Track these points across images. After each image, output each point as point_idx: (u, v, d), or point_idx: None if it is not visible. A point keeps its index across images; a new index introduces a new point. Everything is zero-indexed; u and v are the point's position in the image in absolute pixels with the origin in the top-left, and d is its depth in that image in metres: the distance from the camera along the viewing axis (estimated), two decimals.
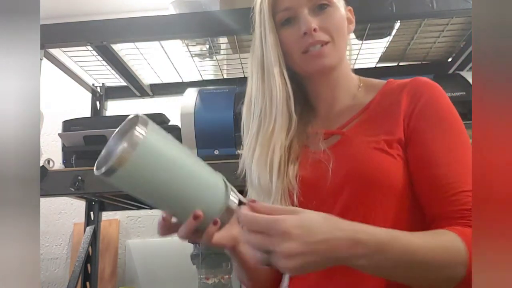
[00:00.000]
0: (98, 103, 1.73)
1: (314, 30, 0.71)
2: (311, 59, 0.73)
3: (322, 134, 0.76)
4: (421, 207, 0.67)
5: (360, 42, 1.42)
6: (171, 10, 1.43)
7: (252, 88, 0.78)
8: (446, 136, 0.67)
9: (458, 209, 0.61)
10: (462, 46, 1.44)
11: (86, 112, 1.72)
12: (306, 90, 0.82)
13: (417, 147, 0.67)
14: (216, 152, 1.20)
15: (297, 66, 0.76)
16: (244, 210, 0.53)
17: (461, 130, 0.68)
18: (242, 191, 0.70)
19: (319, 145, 0.74)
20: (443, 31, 1.35)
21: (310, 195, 0.70)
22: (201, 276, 1.58)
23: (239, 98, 0.98)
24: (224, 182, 0.60)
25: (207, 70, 1.65)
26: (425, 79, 0.74)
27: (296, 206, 0.69)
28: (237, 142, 1.17)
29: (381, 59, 1.57)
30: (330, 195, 0.69)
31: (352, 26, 0.81)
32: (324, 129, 0.77)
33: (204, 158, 1.20)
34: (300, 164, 0.73)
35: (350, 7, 0.82)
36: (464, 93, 1.23)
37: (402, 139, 0.68)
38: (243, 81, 0.85)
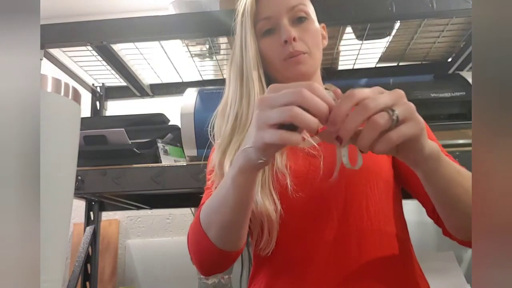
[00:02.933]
0: (98, 103, 1.73)
1: (294, 39, 0.76)
2: (290, 65, 0.77)
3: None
4: (422, 200, 0.73)
5: (360, 42, 1.42)
6: (171, 10, 1.43)
7: (229, 93, 0.81)
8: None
9: None
10: (462, 46, 1.44)
11: (86, 112, 1.72)
12: None
13: None
14: None
15: (277, 73, 0.80)
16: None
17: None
18: None
19: (305, 142, 0.76)
20: (443, 31, 1.35)
21: (302, 184, 0.72)
22: (201, 276, 1.58)
23: None
24: None
25: (207, 70, 1.65)
26: None
27: (290, 192, 0.70)
28: None
29: (381, 59, 1.57)
30: (323, 184, 0.71)
31: (325, 41, 0.86)
32: None
33: (204, 158, 1.20)
34: (288, 157, 0.75)
35: (323, 24, 0.86)
36: (464, 93, 1.23)
37: None
38: None
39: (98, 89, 1.73)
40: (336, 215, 0.70)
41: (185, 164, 1.20)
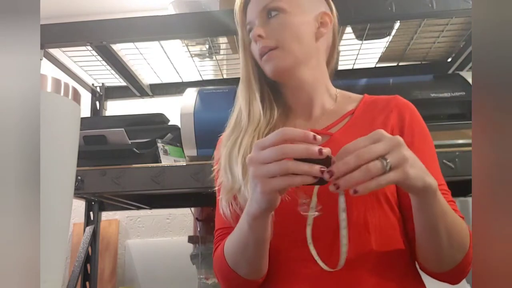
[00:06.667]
0: (97, 103, 1.73)
1: (259, 36, 0.77)
2: (264, 63, 0.79)
3: None
4: (407, 214, 0.73)
5: (360, 42, 1.42)
6: (171, 10, 1.43)
7: (238, 91, 0.84)
8: (426, 146, 0.76)
9: None
10: (462, 46, 1.44)
11: (86, 112, 1.72)
12: (284, 93, 0.85)
13: None
14: None
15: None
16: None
17: (431, 140, 0.78)
18: None
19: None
20: (443, 31, 1.35)
21: (299, 189, 0.70)
22: (201, 276, 1.58)
23: None
24: None
25: (207, 70, 1.65)
26: (404, 100, 0.82)
27: (286, 197, 0.68)
28: None
29: (380, 59, 1.57)
30: (322, 190, 0.69)
31: (324, 30, 0.80)
32: (308, 128, 0.78)
33: (204, 158, 1.21)
34: None
35: (323, 11, 0.81)
36: (464, 93, 1.23)
37: None
38: None
39: (98, 89, 1.73)
40: (333, 222, 0.69)
41: (185, 164, 1.20)
